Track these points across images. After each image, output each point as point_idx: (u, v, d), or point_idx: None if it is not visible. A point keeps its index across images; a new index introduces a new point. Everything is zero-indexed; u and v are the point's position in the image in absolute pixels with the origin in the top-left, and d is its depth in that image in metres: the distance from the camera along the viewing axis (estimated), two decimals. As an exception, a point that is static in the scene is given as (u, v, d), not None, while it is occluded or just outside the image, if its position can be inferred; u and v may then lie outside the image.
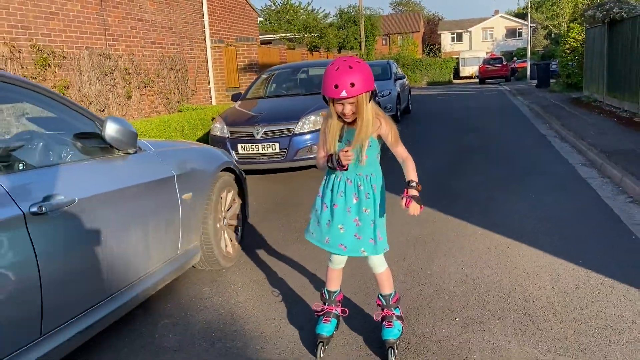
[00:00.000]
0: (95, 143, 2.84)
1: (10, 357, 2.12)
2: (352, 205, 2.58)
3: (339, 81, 2.35)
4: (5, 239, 2.11)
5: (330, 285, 2.80)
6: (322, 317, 2.78)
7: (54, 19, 8.46)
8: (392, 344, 2.63)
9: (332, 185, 2.62)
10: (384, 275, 2.72)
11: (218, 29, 13.96)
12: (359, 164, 2.56)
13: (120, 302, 2.78)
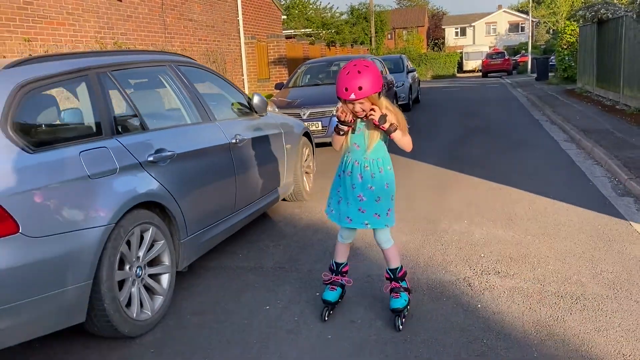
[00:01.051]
0: (245, 108, 4.62)
1: (224, 219, 3.91)
2: (357, 183, 2.89)
3: (348, 85, 2.64)
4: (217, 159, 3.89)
5: (338, 257, 3.12)
6: (329, 285, 3.12)
7: (129, 20, 10.23)
8: (399, 312, 2.92)
9: (344, 166, 2.97)
10: (390, 250, 3.00)
11: (249, 26, 15.72)
12: (366, 151, 2.89)
13: (259, 206, 4.56)
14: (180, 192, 3.32)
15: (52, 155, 2.62)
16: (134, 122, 3.23)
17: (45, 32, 8.26)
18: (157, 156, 3.19)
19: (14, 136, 2.48)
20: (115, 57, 3.43)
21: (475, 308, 3.17)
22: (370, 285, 3.54)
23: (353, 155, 2.93)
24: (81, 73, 3.00)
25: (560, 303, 3.17)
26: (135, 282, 2.96)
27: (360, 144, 2.90)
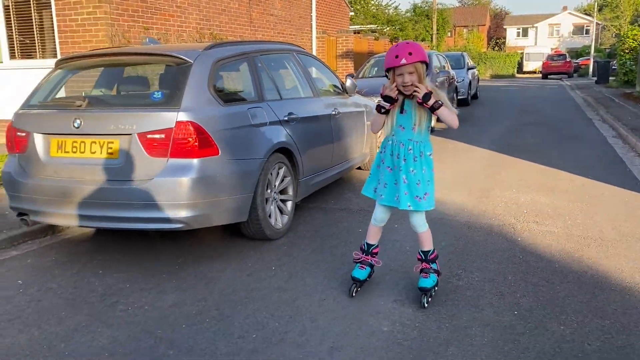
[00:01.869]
0: (339, 89, 5.85)
1: (324, 170, 5.15)
2: (402, 166, 2.99)
3: (398, 52, 2.81)
4: (322, 125, 5.12)
5: (370, 239, 3.27)
6: (359, 264, 3.27)
7: (222, 14, 11.68)
8: (427, 291, 3.08)
9: (389, 149, 3.07)
10: (425, 234, 3.14)
11: (321, 22, 16.98)
12: (412, 131, 2.99)
13: (346, 166, 5.78)
14: (300, 145, 4.58)
15: (233, 109, 3.93)
16: (274, 92, 4.52)
17: (159, 22, 9.77)
18: (289, 117, 4.46)
19: (214, 94, 3.79)
20: (261, 46, 4.74)
21: (516, 240, 4.28)
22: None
23: (398, 136, 3.02)
24: (244, 56, 4.31)
25: (582, 241, 4.23)
26: (273, 201, 4.25)
27: (406, 125, 3.00)
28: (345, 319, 3.00)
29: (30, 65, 9.28)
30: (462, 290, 3.36)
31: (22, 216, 3.91)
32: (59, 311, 3.16)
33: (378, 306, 3.15)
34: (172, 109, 3.50)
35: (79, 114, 3.61)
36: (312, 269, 3.73)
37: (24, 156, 3.84)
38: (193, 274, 3.66)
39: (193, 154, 3.50)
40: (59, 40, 8.87)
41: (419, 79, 2.86)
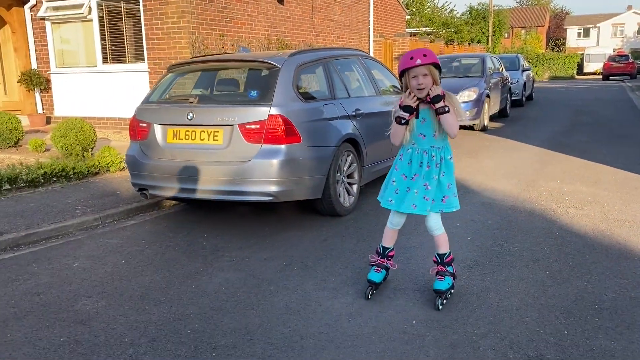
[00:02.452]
0: (397, 88, 6.57)
1: (382, 161, 5.88)
2: (425, 172, 3.06)
3: (413, 54, 2.91)
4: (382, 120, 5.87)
5: (386, 242, 3.34)
6: (375, 267, 3.34)
7: (287, 21, 12.61)
8: (442, 293, 3.12)
9: (407, 157, 3.13)
10: (441, 237, 3.19)
11: (378, 26, 17.69)
12: (433, 138, 3.06)
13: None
14: (364, 137, 5.34)
15: (312, 105, 4.75)
16: (344, 91, 5.31)
17: (233, 29, 10.77)
18: (356, 112, 5.24)
19: (297, 92, 4.62)
20: (333, 52, 5.55)
21: (554, 221, 4.88)
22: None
23: (419, 145, 3.09)
24: (320, 61, 5.13)
25: (615, 223, 4.78)
26: (342, 184, 5.04)
27: (426, 133, 3.07)
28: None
29: (119, 69, 10.49)
30: (503, 256, 4.03)
31: (142, 191, 4.88)
32: (180, 260, 4.06)
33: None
34: (265, 104, 4.35)
35: (192, 109, 4.52)
36: (377, 237, 4.50)
37: (145, 142, 4.79)
38: (278, 239, 4.50)
39: (281, 141, 4.34)
40: (147, 47, 10.01)
41: (434, 82, 2.95)
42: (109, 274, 3.84)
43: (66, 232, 4.84)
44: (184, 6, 9.50)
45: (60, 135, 7.49)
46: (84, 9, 10.41)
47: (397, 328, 2.97)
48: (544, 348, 2.74)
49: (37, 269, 3.96)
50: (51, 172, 6.38)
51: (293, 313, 3.17)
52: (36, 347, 2.85)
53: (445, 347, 2.77)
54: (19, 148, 8.78)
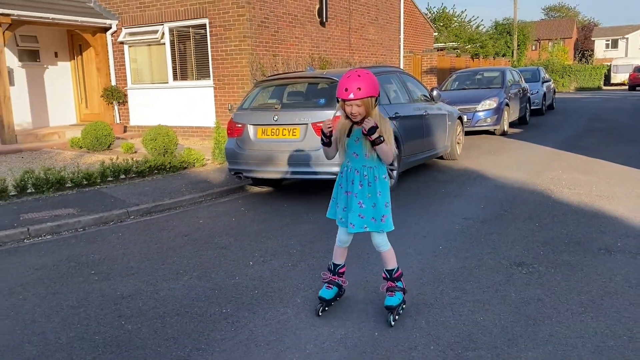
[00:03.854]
0: (427, 97, 8.15)
1: (416, 154, 7.46)
2: (358, 191, 3.13)
3: (348, 85, 2.92)
4: (416, 122, 7.46)
5: (336, 259, 3.38)
6: (326, 283, 3.37)
7: (328, 41, 14.33)
8: (393, 309, 3.17)
9: (344, 175, 3.21)
10: (387, 253, 3.25)
11: (408, 42, 19.31)
12: (365, 158, 3.12)
13: (432, 153, 8.04)
14: (402, 133, 6.92)
15: (364, 109, 6.36)
16: (386, 99, 6.92)
17: (283, 50, 12.52)
18: (395, 115, 6.84)
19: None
20: (378, 69, 7.18)
21: (550, 196, 6.35)
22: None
23: (352, 164, 3.15)
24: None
25: (597, 197, 6.21)
26: (386, 169, 6.62)
27: (358, 152, 3.12)
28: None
29: (188, 85, 12.34)
30: (506, 216, 5.54)
31: (238, 174, 6.56)
32: (273, 218, 5.71)
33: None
34: (331, 108, 5.98)
35: (276, 112, 6.19)
36: (409, 209, 6.06)
37: (240, 138, 6.48)
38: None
39: (342, 135, 5.96)
40: (212, 66, 11.83)
41: (367, 110, 3.00)
42: (226, 225, 5.52)
43: (181, 205, 6.55)
44: (244, 31, 11.29)
45: (150, 139, 9.27)
46: (158, 34, 12.32)
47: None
48: (525, 259, 4.26)
49: (175, 224, 5.67)
50: (154, 165, 8.14)
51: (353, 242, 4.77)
52: (201, 257, 4.52)
53: (461, 258, 4.32)
54: (111, 150, 10.64)
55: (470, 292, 3.66)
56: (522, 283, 3.78)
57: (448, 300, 3.54)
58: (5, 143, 11.12)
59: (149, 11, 12.40)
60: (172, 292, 3.82)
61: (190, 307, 3.55)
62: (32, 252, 4.90)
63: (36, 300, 3.76)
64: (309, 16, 13.45)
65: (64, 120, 13.89)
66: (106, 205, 6.26)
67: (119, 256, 4.67)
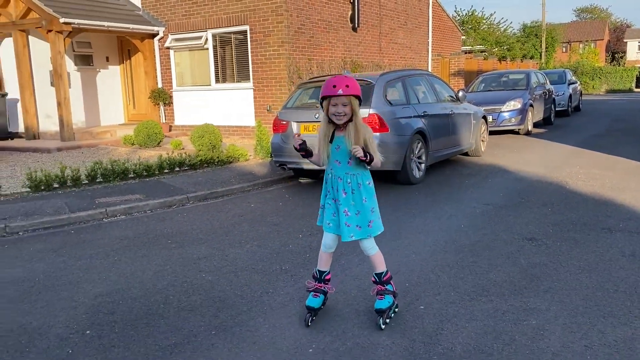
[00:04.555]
0: (454, 97, 8.85)
1: (442, 149, 8.17)
2: (341, 198, 3.11)
3: (336, 83, 2.94)
4: (443, 120, 8.17)
5: (321, 265, 3.32)
6: (312, 292, 3.30)
7: (359, 45, 15.09)
8: (383, 312, 3.16)
9: (329, 182, 3.20)
10: (376, 257, 3.23)
11: (436, 46, 19.93)
12: (347, 165, 3.10)
13: (457, 149, 8.73)
14: (430, 131, 7.63)
15: (395, 108, 7.11)
16: (415, 99, 7.65)
17: (318, 54, 13.33)
18: (424, 113, 7.56)
19: (385, 99, 7.01)
20: (408, 72, 7.92)
21: (564, 187, 6.98)
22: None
23: (335, 171, 3.12)
24: (399, 78, 7.51)
25: (609, 189, 6.81)
26: (414, 162, 7.36)
27: (341, 160, 3.10)
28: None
29: (229, 87, 13.26)
30: (524, 203, 6.21)
31: (282, 166, 7.39)
32: (315, 203, 6.50)
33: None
34: (366, 107, 6.75)
35: (317, 111, 6.99)
36: (436, 198, 6.79)
37: (285, 134, 7.29)
38: (373, 195, 6.87)
39: (376, 130, 6.72)
40: (252, 69, 12.71)
41: (352, 111, 2.99)
42: (275, 208, 6.34)
43: (232, 193, 7.41)
44: (283, 37, 12.15)
45: (198, 136, 10.18)
46: (202, 40, 13.29)
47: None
48: (535, 235, 4.96)
49: (230, 207, 6.52)
50: (204, 159, 9.03)
51: (391, 223, 5.53)
52: (257, 231, 5.34)
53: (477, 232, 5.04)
54: (161, 147, 11.61)
55: (486, 258, 4.38)
56: (531, 252, 4.48)
57: (467, 263, 4.28)
58: (64, 140, 12.21)
59: (194, 19, 13.37)
60: (238, 255, 4.65)
61: (255, 265, 4.37)
62: (113, 228, 5.81)
63: (129, 260, 4.64)
64: (342, 22, 14.25)
65: (113, 119, 14.99)
66: (168, 192, 7.15)
67: (188, 230, 5.54)
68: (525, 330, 3.12)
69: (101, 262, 4.62)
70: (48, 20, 11.72)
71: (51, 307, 3.67)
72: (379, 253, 3.25)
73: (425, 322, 3.27)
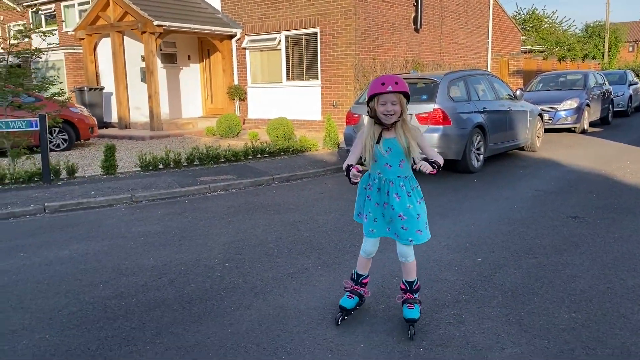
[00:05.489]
0: (511, 96, 9.62)
1: (499, 143, 8.98)
2: (396, 203, 3.00)
3: (385, 81, 2.88)
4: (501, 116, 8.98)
5: (360, 269, 3.33)
6: (348, 292, 3.33)
7: (421, 45, 15.92)
8: (413, 322, 3.11)
9: (375, 186, 3.07)
10: (411, 264, 3.17)
11: (496, 46, 20.43)
12: (399, 168, 3.00)
13: (513, 144, 9.50)
14: (488, 125, 8.46)
15: (457, 104, 8.00)
16: (476, 96, 8.50)
17: (382, 54, 14.28)
18: (483, 109, 8.41)
19: (448, 96, 7.91)
20: (469, 72, 8.79)
21: (612, 179, 7.65)
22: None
23: (385, 175, 3.02)
24: (461, 78, 8.39)
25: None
26: (474, 152, 8.22)
27: (392, 163, 2.99)
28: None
29: (299, 85, 14.42)
30: (572, 190, 6.97)
31: (354, 153, 8.41)
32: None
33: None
34: (431, 103, 7.68)
35: (387, 105, 7.99)
36: (492, 183, 7.63)
37: (356, 125, 8.32)
38: (439, 180, 7.79)
39: (439, 123, 7.64)
40: (321, 68, 13.81)
41: (401, 110, 2.90)
42: (350, 188, 7.33)
43: (309, 176, 8.51)
44: (350, 39, 13.19)
45: (274, 128, 11.37)
46: (276, 41, 14.51)
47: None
48: (579, 214, 5.77)
49: (311, 187, 7.62)
50: (281, 148, 10.20)
51: (442, 207, 6.45)
52: (338, 204, 6.40)
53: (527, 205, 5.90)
54: (239, 138, 12.90)
55: (533, 229, 5.26)
56: (573, 226, 5.32)
57: (517, 232, 5.17)
58: (153, 130, 13.73)
59: (269, 22, 14.62)
60: (325, 221, 5.72)
61: (341, 228, 5.43)
62: (218, 200, 7.02)
63: (239, 222, 5.80)
64: (405, 24, 15.14)
65: (193, 113, 16.49)
66: (255, 174, 8.34)
67: (280, 202, 6.67)
68: (562, 276, 4.02)
69: (218, 222, 5.81)
70: (143, 23, 13.24)
71: (193, 249, 4.86)
72: (414, 261, 3.19)
73: (481, 268, 4.23)
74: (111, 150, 8.38)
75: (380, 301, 3.63)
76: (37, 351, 3.06)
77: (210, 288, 3.93)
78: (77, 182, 7.94)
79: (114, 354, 3.01)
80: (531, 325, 3.23)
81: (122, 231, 5.56)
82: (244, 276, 4.16)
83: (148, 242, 5.15)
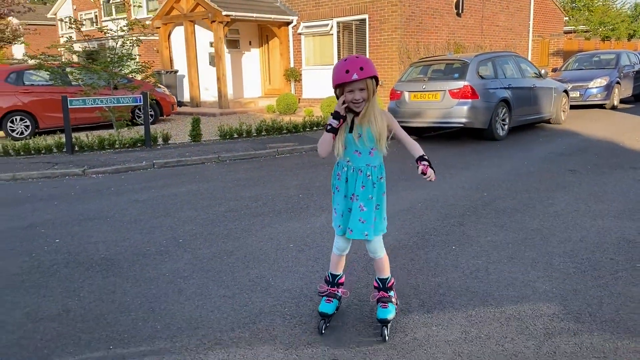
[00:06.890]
0: (537, 74, 10.91)
1: (524, 116, 10.33)
2: (359, 192, 2.84)
3: (349, 67, 2.63)
4: (526, 92, 10.32)
5: (334, 269, 3.11)
6: (325, 297, 3.10)
7: (463, 29, 17.13)
8: (387, 322, 2.95)
9: (344, 176, 2.90)
10: (383, 260, 2.99)
11: (537, 27, 21.27)
12: (369, 156, 2.84)
13: (538, 116, 10.81)
14: (513, 100, 9.83)
15: (485, 81, 9.43)
16: (502, 74, 9.88)
17: (425, 37, 15.63)
18: (508, 86, 9.79)
19: (477, 74, 9.35)
20: (496, 53, 10.17)
21: (620, 145, 8.92)
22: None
23: (354, 162, 2.86)
24: (490, 59, 9.79)
25: (655, 145, 8.71)
26: (499, 122, 9.64)
27: (362, 150, 2.84)
28: (526, 154, 8.38)
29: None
30: (578, 153, 8.33)
31: (397, 124, 9.99)
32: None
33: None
34: (462, 80, 9.14)
35: (424, 83, 9.48)
36: (513, 147, 9.05)
37: (399, 101, 9.87)
38: (463, 148, 9.27)
39: (468, 98, 9.10)
40: (369, 52, 15.32)
41: (369, 95, 2.73)
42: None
43: (359, 143, 10.15)
44: (396, 24, 14.63)
45: (327, 105, 13.04)
46: (329, 27, 16.10)
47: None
48: (577, 168, 7.18)
49: (360, 150, 9.27)
50: (335, 121, 11.86)
51: (468, 165, 7.97)
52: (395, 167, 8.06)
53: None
54: (296, 114, 14.65)
55: (536, 178, 6.74)
56: (568, 176, 6.77)
57: (522, 179, 6.67)
58: (221, 107, 15.67)
59: (322, 9, 16.21)
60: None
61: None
62: (285, 160, 8.79)
63: (304, 173, 7.54)
64: (447, 9, 16.41)
65: (252, 93, 18.37)
66: (313, 142, 10.04)
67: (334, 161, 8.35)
68: (544, 203, 5.55)
69: (289, 173, 7.58)
70: (213, 13, 15.11)
71: (274, 187, 6.65)
72: (386, 256, 3.02)
73: (485, 199, 5.80)
74: (197, 122, 10.29)
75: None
76: (188, 236, 4.90)
77: (292, 208, 5.69)
78: (172, 147, 9.90)
79: (236, 224, 4.81)
80: (510, 227, 4.82)
81: (219, 177, 7.42)
82: (313, 201, 5.90)
83: (240, 184, 6.97)
